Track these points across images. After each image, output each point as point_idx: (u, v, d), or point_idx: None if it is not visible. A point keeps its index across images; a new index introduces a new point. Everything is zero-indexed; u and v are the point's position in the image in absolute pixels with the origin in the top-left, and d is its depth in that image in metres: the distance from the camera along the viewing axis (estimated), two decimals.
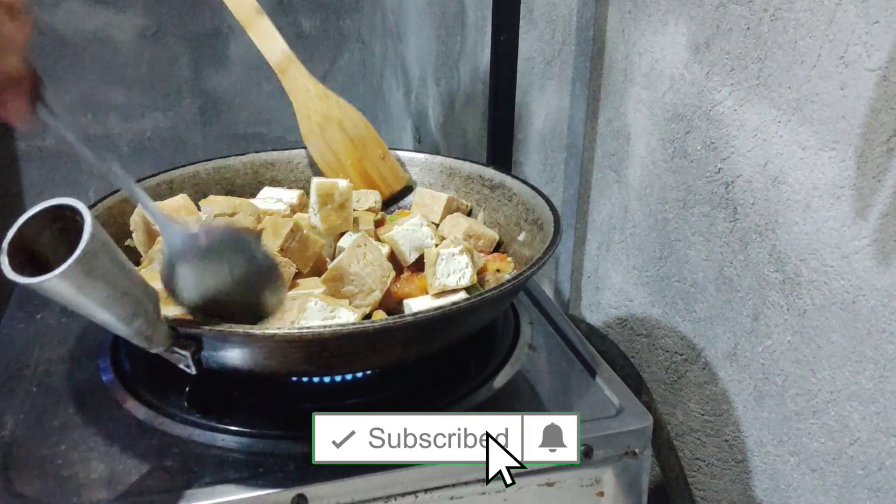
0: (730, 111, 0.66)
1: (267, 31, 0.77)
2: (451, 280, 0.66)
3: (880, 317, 0.53)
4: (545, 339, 0.72)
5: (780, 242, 0.62)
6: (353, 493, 0.55)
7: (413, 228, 0.71)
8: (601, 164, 0.90)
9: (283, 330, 0.53)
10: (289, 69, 0.78)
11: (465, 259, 0.66)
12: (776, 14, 0.60)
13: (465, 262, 0.66)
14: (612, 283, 0.90)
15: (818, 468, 0.61)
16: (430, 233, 0.71)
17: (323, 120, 0.76)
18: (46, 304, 0.75)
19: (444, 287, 0.65)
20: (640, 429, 0.60)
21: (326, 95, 0.78)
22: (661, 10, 0.74)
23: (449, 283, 0.66)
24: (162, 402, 0.62)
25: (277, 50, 0.78)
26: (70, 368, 0.67)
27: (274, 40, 0.77)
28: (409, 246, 0.70)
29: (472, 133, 1.35)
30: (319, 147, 0.78)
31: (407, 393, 0.65)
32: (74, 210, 0.43)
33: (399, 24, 1.76)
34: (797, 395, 0.62)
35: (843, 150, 0.55)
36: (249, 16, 0.76)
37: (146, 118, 1.96)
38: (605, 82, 0.87)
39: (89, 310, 0.46)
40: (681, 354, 0.78)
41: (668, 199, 0.77)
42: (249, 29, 0.76)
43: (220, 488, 0.53)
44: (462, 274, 0.66)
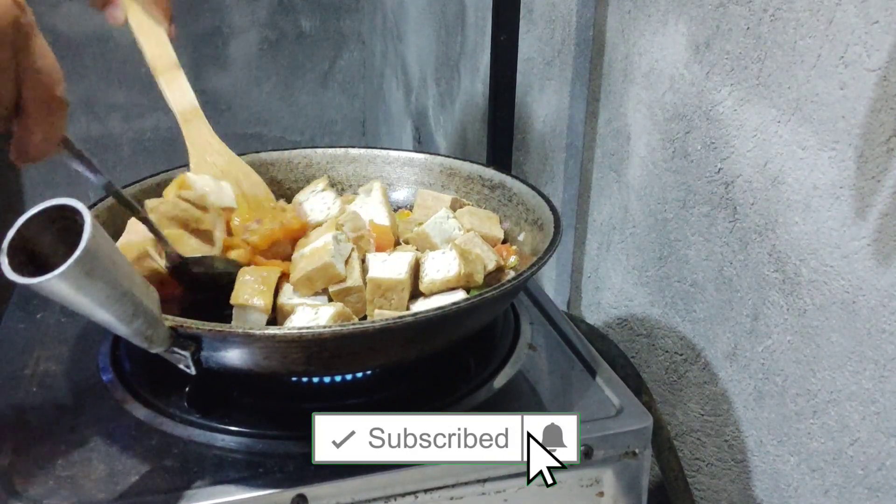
0: (730, 111, 0.66)
1: (178, 82, 0.77)
2: (439, 275, 0.66)
3: (880, 317, 0.53)
4: (545, 339, 0.72)
5: (780, 242, 0.62)
6: (353, 493, 0.55)
7: (440, 221, 0.72)
8: (601, 164, 0.90)
9: (283, 330, 0.53)
10: (193, 121, 0.78)
11: (453, 254, 0.66)
12: (776, 14, 0.60)
13: (452, 257, 0.66)
14: (611, 283, 0.90)
15: (818, 468, 0.61)
16: (456, 224, 0.73)
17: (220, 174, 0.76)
18: (46, 304, 0.75)
19: (431, 283, 0.66)
20: (640, 429, 0.60)
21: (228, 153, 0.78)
22: (661, 10, 0.74)
23: (436, 278, 0.66)
24: (162, 402, 0.62)
25: (185, 101, 0.78)
26: (70, 368, 0.67)
27: (183, 92, 0.77)
28: (440, 238, 0.72)
29: (472, 133, 1.35)
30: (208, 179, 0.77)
31: (407, 393, 0.65)
32: (74, 210, 0.43)
33: (399, 24, 1.76)
34: (797, 395, 0.62)
35: (843, 150, 0.55)
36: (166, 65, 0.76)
37: (146, 118, 1.96)
38: (605, 82, 0.87)
39: (89, 310, 0.46)
40: (681, 354, 0.78)
41: (668, 199, 0.77)
42: (162, 76, 0.76)
43: (220, 488, 0.53)
44: (449, 268, 0.66)
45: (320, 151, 0.89)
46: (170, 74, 0.76)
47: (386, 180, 0.88)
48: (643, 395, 0.82)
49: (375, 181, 0.80)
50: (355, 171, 0.88)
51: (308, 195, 0.78)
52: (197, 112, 0.78)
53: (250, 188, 0.76)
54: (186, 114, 0.77)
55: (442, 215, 0.73)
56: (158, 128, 1.98)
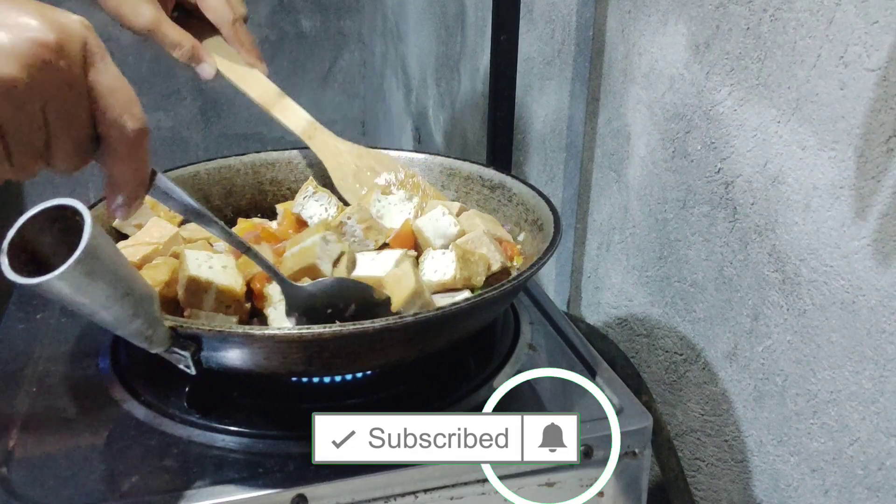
0: (730, 111, 0.66)
1: (289, 108, 0.82)
2: (436, 276, 0.67)
3: (880, 317, 0.53)
4: (545, 339, 0.72)
5: (780, 242, 0.62)
6: (353, 493, 0.55)
7: (436, 217, 0.72)
8: (601, 164, 0.90)
9: (283, 330, 0.53)
10: (315, 136, 0.83)
11: (452, 256, 0.66)
12: (776, 14, 0.60)
13: (450, 259, 0.66)
14: (611, 283, 0.90)
15: (818, 468, 0.61)
16: (452, 221, 0.72)
17: (356, 170, 0.80)
18: (46, 304, 0.75)
19: (428, 283, 0.66)
20: (640, 429, 0.60)
21: (356, 149, 0.82)
22: (661, 10, 0.74)
23: (432, 279, 0.67)
24: (162, 402, 0.62)
25: (302, 122, 0.82)
26: (70, 368, 0.67)
27: (297, 114, 0.82)
28: (435, 234, 0.72)
29: (472, 133, 1.35)
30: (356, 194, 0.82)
31: (407, 393, 0.65)
32: (74, 210, 0.43)
33: (399, 24, 1.76)
34: (797, 395, 0.62)
35: (843, 150, 0.55)
36: (273, 100, 0.81)
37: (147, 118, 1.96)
38: (605, 82, 0.87)
39: (89, 310, 0.46)
40: (680, 354, 0.78)
41: (668, 199, 0.77)
42: (273, 109, 0.81)
43: (220, 488, 0.53)
44: (445, 270, 0.66)
45: None
46: (280, 105, 0.82)
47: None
48: (643, 395, 0.82)
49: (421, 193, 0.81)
50: None
51: (301, 202, 0.76)
52: (315, 126, 0.83)
53: (384, 168, 0.80)
54: (307, 132, 0.82)
55: (436, 213, 0.73)
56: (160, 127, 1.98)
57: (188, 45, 0.75)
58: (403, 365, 0.63)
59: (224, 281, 0.62)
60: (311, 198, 0.76)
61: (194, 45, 0.76)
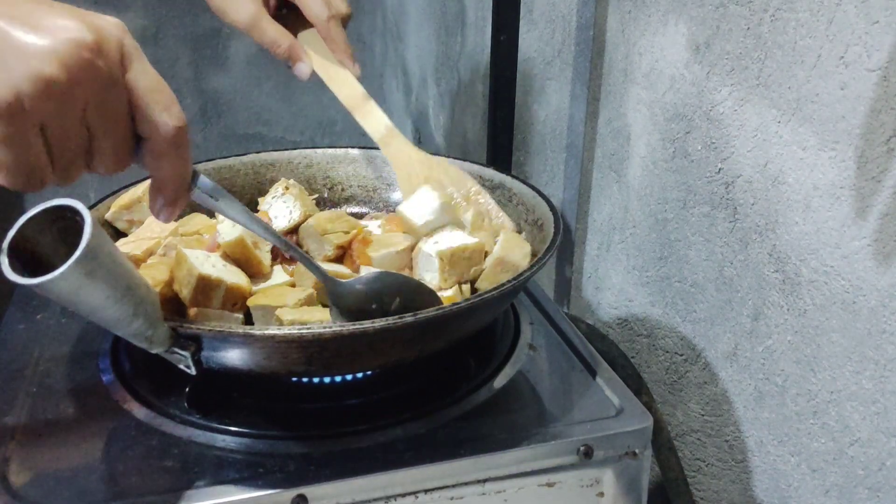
0: (730, 111, 0.66)
1: (372, 112, 0.82)
2: (427, 276, 0.68)
3: (880, 317, 0.53)
4: (545, 339, 0.72)
5: (780, 242, 0.62)
6: (353, 493, 0.55)
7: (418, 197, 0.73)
8: (601, 164, 0.90)
9: (283, 330, 0.53)
10: (391, 143, 0.82)
11: (436, 263, 0.67)
12: (776, 14, 0.60)
13: (435, 266, 0.67)
14: (612, 284, 0.90)
15: (818, 468, 0.61)
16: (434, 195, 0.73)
17: (425, 180, 0.80)
18: (46, 304, 0.75)
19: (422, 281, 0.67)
20: (640, 429, 0.60)
21: (428, 159, 0.82)
22: (661, 10, 0.74)
23: (425, 278, 0.68)
24: (162, 402, 0.62)
25: (381, 128, 0.82)
26: (70, 368, 0.67)
27: (378, 119, 0.82)
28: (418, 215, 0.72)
29: (472, 133, 1.35)
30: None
31: (407, 393, 0.65)
32: (74, 210, 0.43)
33: (399, 24, 1.76)
34: (797, 395, 0.62)
35: (843, 151, 0.55)
36: (358, 102, 0.81)
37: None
38: (605, 82, 0.87)
39: (89, 310, 0.46)
40: (681, 355, 0.78)
41: (668, 199, 0.77)
42: (356, 112, 0.81)
43: (220, 489, 0.53)
44: (434, 276, 0.68)
45: (320, 151, 0.89)
46: (364, 109, 0.81)
47: (385, 180, 0.88)
48: (643, 395, 0.82)
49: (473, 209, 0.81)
50: (355, 171, 0.88)
51: (270, 201, 0.76)
52: (393, 133, 0.82)
53: (451, 183, 0.80)
54: (384, 138, 0.82)
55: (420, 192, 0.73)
56: None
57: (286, 45, 0.76)
58: (403, 365, 0.63)
59: (233, 279, 0.61)
60: (279, 198, 0.76)
61: (292, 45, 0.76)
